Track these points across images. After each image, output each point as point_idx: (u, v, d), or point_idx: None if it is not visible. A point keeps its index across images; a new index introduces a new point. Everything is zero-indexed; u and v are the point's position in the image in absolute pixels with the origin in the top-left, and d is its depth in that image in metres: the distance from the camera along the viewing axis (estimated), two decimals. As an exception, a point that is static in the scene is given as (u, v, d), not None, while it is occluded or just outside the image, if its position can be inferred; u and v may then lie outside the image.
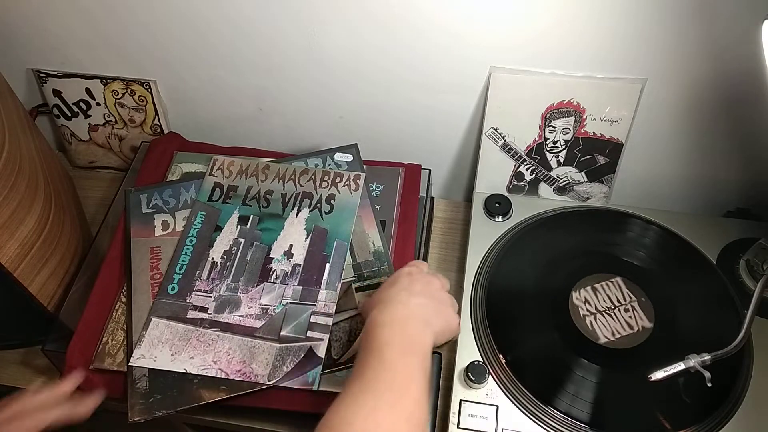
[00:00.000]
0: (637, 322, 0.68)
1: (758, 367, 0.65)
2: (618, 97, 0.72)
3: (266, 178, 0.78)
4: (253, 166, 0.79)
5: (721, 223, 0.78)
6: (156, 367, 0.63)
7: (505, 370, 0.65)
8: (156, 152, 0.82)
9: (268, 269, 0.70)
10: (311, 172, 0.78)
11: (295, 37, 0.73)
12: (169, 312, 0.67)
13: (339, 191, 0.76)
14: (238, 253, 0.71)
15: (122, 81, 0.84)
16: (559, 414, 0.61)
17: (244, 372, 0.62)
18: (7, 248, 0.64)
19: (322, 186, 0.77)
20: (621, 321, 0.68)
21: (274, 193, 0.76)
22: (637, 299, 0.70)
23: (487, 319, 0.68)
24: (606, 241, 0.76)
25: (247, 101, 0.84)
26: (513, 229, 0.77)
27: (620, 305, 0.69)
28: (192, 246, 0.72)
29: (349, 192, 0.76)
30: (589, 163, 0.78)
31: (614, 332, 0.67)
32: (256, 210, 0.75)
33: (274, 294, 0.68)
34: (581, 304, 0.69)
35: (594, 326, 0.68)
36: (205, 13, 0.73)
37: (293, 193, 0.76)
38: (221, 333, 0.65)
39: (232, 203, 0.75)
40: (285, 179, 0.77)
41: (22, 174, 0.68)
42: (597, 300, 0.70)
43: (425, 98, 0.78)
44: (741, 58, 0.65)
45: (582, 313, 0.69)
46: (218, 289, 0.68)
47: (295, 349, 0.64)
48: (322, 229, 0.73)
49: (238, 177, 0.78)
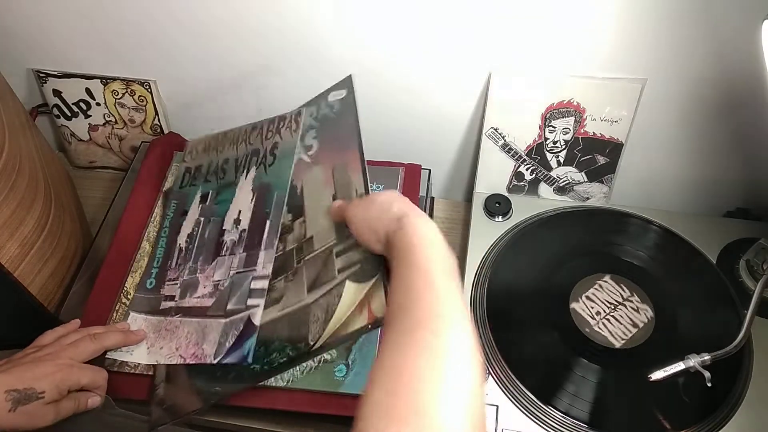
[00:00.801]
0: (637, 323, 0.68)
1: (758, 367, 0.65)
2: (618, 97, 0.72)
3: (223, 148, 0.73)
4: (215, 140, 0.75)
5: (721, 223, 0.78)
6: (133, 360, 0.62)
7: (505, 370, 0.65)
8: (156, 152, 0.82)
9: (220, 242, 0.65)
10: (259, 126, 0.71)
11: (295, 37, 0.73)
12: (147, 306, 0.66)
13: (281, 137, 0.68)
14: (198, 233, 0.68)
15: (122, 81, 0.84)
16: (559, 414, 0.61)
17: (197, 354, 0.60)
18: (7, 248, 0.64)
19: (267, 138, 0.69)
20: (621, 321, 0.68)
21: (228, 161, 0.72)
22: (636, 299, 0.70)
23: (487, 319, 0.68)
24: (606, 241, 0.76)
25: (246, 101, 0.84)
26: (513, 229, 0.77)
27: (620, 305, 0.69)
28: (166, 237, 0.70)
29: (290, 133, 0.68)
30: (589, 163, 0.78)
31: (614, 332, 0.67)
32: (214, 185, 0.71)
33: (225, 267, 0.64)
34: (581, 304, 0.69)
35: (594, 326, 0.68)
36: (206, 13, 0.73)
37: (244, 155, 0.70)
38: (183, 318, 0.63)
39: (196, 184, 0.72)
40: (237, 142, 0.72)
41: (22, 174, 0.68)
42: (597, 300, 0.70)
43: (425, 98, 0.78)
44: (741, 58, 0.65)
45: (582, 313, 0.69)
46: (182, 274, 0.66)
47: (237, 321, 0.59)
48: (264, 184, 0.66)
49: (204, 155, 0.75)
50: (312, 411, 0.62)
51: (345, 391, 0.62)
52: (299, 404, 0.62)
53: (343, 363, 0.64)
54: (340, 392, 0.62)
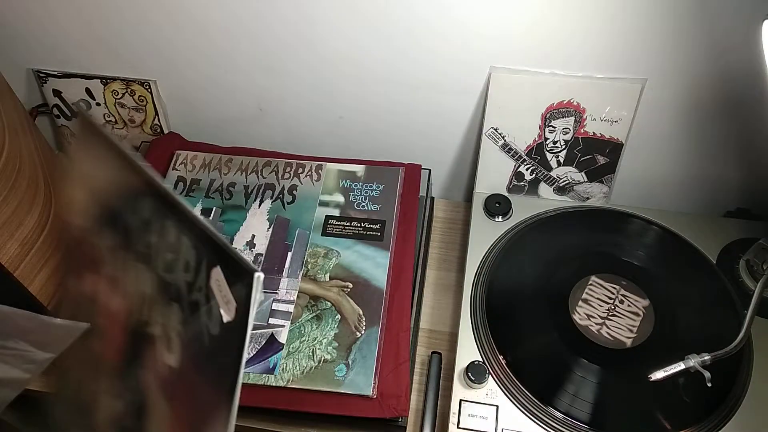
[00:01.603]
0: (637, 322, 0.68)
1: (758, 367, 0.65)
2: (618, 97, 0.72)
3: (229, 171, 0.80)
4: (216, 159, 0.81)
5: (721, 223, 0.78)
6: None
7: (505, 370, 0.65)
8: (156, 152, 0.83)
9: None
10: (273, 164, 0.80)
11: (296, 36, 0.73)
12: None
13: (301, 182, 0.78)
14: None
15: (122, 81, 0.84)
16: (559, 414, 0.61)
17: None
18: (7, 248, 0.64)
19: (284, 177, 0.79)
20: (620, 321, 0.68)
21: (236, 185, 0.78)
22: (636, 299, 0.70)
23: (487, 319, 0.68)
24: (606, 241, 0.76)
25: (247, 101, 0.84)
26: (513, 229, 0.77)
27: (620, 305, 0.69)
28: None
29: (311, 182, 0.78)
30: (589, 163, 0.78)
31: (614, 333, 0.67)
32: (218, 202, 0.77)
33: None
34: (581, 304, 0.69)
35: (594, 327, 0.68)
36: (206, 13, 0.73)
37: (256, 185, 0.78)
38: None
39: (195, 196, 0.77)
40: (248, 171, 0.79)
41: (22, 174, 0.68)
42: (597, 301, 0.70)
43: (425, 98, 0.78)
44: (741, 58, 0.65)
45: (582, 313, 0.69)
46: None
47: (257, 336, 0.66)
48: (284, 219, 0.75)
49: (201, 170, 0.80)
50: (312, 411, 0.62)
51: (345, 391, 0.62)
52: (299, 404, 0.62)
53: (343, 363, 0.64)
54: (340, 392, 0.62)
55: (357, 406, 0.62)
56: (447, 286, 0.80)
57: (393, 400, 0.62)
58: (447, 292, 0.79)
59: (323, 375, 0.63)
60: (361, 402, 0.62)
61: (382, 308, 0.68)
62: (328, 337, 0.66)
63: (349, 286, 0.70)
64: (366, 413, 0.62)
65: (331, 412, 0.62)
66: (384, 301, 0.68)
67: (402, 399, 0.62)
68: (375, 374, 0.63)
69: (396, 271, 0.71)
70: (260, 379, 0.63)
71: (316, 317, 0.67)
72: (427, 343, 0.74)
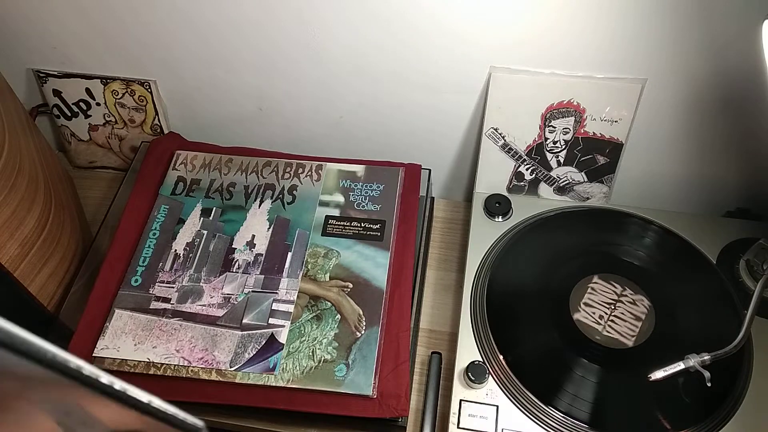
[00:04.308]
0: (637, 323, 0.68)
1: (758, 367, 0.65)
2: (618, 97, 0.72)
3: (229, 171, 0.80)
4: (216, 159, 0.81)
5: (721, 223, 0.78)
6: (119, 357, 0.64)
7: (505, 370, 0.65)
8: (156, 152, 0.83)
9: (230, 259, 0.72)
10: (273, 164, 0.80)
11: (296, 37, 0.73)
12: (132, 303, 0.68)
13: (301, 182, 0.78)
14: (200, 244, 0.73)
15: (122, 81, 0.84)
16: (559, 414, 0.61)
17: (206, 359, 0.64)
18: (7, 248, 0.64)
19: (284, 177, 0.79)
20: (620, 321, 0.68)
21: (236, 185, 0.78)
22: (636, 299, 0.70)
23: (487, 319, 0.68)
24: (606, 241, 0.76)
25: (247, 101, 0.84)
26: (513, 229, 0.77)
27: (620, 305, 0.69)
28: (155, 239, 0.73)
29: (311, 182, 0.78)
30: (589, 163, 0.78)
31: (614, 333, 0.67)
32: (218, 202, 0.77)
33: (236, 283, 0.70)
34: (581, 304, 0.69)
35: (594, 327, 0.68)
36: (206, 13, 0.73)
37: (256, 185, 0.78)
38: (184, 322, 0.67)
39: (195, 196, 0.77)
40: (248, 172, 0.79)
41: (22, 174, 0.68)
42: (597, 301, 0.70)
43: (425, 98, 0.78)
44: (741, 57, 0.65)
45: (582, 313, 0.69)
46: (181, 279, 0.70)
47: (257, 336, 0.66)
48: (284, 219, 0.75)
49: (201, 171, 0.80)
50: (312, 411, 0.62)
51: (345, 391, 0.62)
52: (299, 404, 0.62)
53: (343, 363, 0.64)
54: (340, 392, 0.62)
55: (357, 406, 0.62)
56: (447, 286, 0.80)
57: (393, 400, 0.62)
58: (447, 292, 0.79)
59: (323, 375, 0.63)
60: (361, 402, 0.62)
61: (382, 308, 0.68)
62: (328, 337, 0.66)
63: (349, 286, 0.70)
64: (366, 413, 0.62)
65: (331, 412, 0.62)
66: (384, 301, 0.68)
67: (402, 399, 0.62)
68: (375, 374, 0.63)
69: (396, 271, 0.71)
70: (260, 379, 0.63)
71: (316, 317, 0.67)
72: (427, 343, 0.75)
